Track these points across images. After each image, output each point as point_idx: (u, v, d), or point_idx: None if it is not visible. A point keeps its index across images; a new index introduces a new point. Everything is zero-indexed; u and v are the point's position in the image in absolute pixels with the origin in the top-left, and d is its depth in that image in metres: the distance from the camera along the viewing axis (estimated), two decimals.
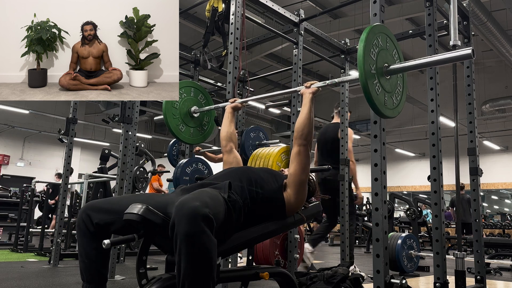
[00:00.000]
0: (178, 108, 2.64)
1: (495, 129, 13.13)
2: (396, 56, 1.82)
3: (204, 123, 2.78)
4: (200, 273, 1.24)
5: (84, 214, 1.48)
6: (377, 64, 1.67)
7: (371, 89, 1.62)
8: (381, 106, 1.68)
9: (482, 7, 7.71)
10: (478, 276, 2.93)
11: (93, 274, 1.49)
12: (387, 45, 1.77)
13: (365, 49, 1.61)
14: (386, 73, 1.72)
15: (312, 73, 13.22)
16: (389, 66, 1.73)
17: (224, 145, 2.20)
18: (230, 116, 2.31)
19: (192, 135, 2.71)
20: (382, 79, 1.69)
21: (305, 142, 1.78)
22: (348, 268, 2.60)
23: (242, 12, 2.76)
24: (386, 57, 1.74)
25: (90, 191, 5.41)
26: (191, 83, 2.77)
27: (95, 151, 14.71)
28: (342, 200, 3.81)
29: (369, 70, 1.62)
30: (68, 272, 3.57)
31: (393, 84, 1.78)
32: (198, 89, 2.76)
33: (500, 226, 10.92)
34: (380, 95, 1.68)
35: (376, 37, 1.70)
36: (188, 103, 2.69)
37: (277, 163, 3.20)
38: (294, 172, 1.74)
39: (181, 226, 1.23)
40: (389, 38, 1.79)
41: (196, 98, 2.75)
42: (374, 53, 1.67)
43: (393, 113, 1.78)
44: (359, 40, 1.65)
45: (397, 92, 1.81)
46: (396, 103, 1.80)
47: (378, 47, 1.70)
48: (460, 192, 2.87)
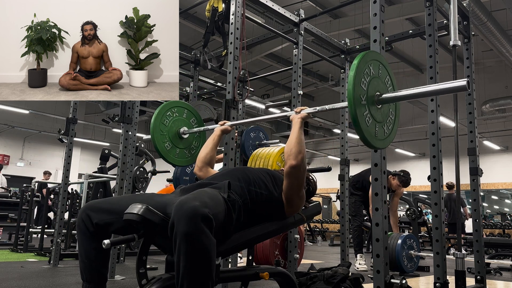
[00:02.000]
0: (168, 126, 2.53)
1: (495, 129, 13.12)
2: (389, 83, 1.71)
3: (192, 147, 2.66)
4: (199, 273, 1.24)
5: (84, 214, 1.48)
6: (367, 94, 1.58)
7: (361, 121, 1.53)
8: (371, 138, 1.59)
9: (482, 7, 7.70)
10: (478, 276, 2.93)
11: (93, 274, 1.49)
12: (380, 73, 1.66)
13: (355, 80, 1.52)
14: (378, 102, 1.62)
15: (312, 73, 13.21)
16: (381, 95, 1.63)
17: (198, 165, 2.08)
18: (217, 139, 2.18)
19: (177, 156, 2.59)
20: (373, 109, 1.60)
21: (294, 162, 1.66)
22: (348, 268, 2.60)
23: (242, 12, 2.76)
24: (378, 85, 1.64)
25: (90, 191, 5.41)
26: (185, 105, 2.67)
27: (95, 151, 14.71)
28: (342, 200, 3.81)
29: (359, 101, 1.52)
30: (68, 272, 3.57)
31: (384, 113, 1.67)
32: (192, 112, 2.66)
33: (500, 226, 10.92)
34: (370, 127, 1.58)
35: (368, 65, 1.60)
36: (179, 124, 2.58)
37: (277, 163, 3.20)
38: (286, 189, 1.71)
39: (180, 226, 1.23)
40: (382, 64, 1.68)
41: (187, 121, 2.64)
42: (365, 82, 1.57)
43: (384, 143, 1.68)
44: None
45: (389, 121, 1.70)
46: (388, 132, 1.70)
47: (370, 75, 1.60)
48: (460, 192, 2.87)
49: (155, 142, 2.48)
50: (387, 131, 1.70)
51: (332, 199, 14.90)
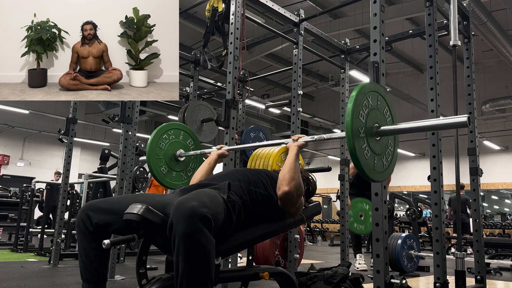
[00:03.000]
0: (164, 149, 2.49)
1: (495, 129, 13.13)
2: (388, 114, 1.68)
3: (189, 169, 2.61)
4: (198, 273, 1.24)
5: (83, 214, 1.48)
6: (366, 126, 1.54)
7: (359, 155, 1.48)
8: (370, 171, 1.54)
9: (482, 7, 7.71)
10: (478, 276, 2.93)
11: (92, 274, 1.49)
12: (378, 104, 1.63)
13: (353, 112, 1.48)
14: (376, 134, 1.59)
15: (312, 73, 13.21)
16: (379, 127, 1.59)
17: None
18: (213, 163, 2.13)
19: (174, 179, 2.54)
20: (371, 141, 1.56)
21: (286, 189, 1.63)
22: (348, 268, 2.60)
23: (242, 12, 2.76)
24: (376, 116, 1.60)
25: (90, 191, 5.41)
26: (182, 127, 2.63)
27: (95, 151, 14.70)
28: (342, 200, 3.81)
29: (357, 134, 1.49)
30: (68, 272, 3.57)
31: (383, 145, 1.63)
32: (188, 134, 2.63)
33: (500, 226, 10.92)
34: (369, 160, 1.54)
35: (366, 97, 1.57)
36: (175, 146, 2.54)
37: (277, 163, 3.20)
38: (280, 205, 1.70)
39: (179, 226, 1.23)
40: (380, 95, 1.65)
41: (184, 142, 2.60)
42: (363, 115, 1.53)
43: (383, 176, 1.63)
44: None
45: (388, 152, 1.66)
46: (387, 164, 1.65)
47: (368, 107, 1.57)
48: (460, 192, 2.87)
49: (151, 167, 2.44)
50: (386, 163, 1.65)
51: (332, 199, 14.91)
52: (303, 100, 3.04)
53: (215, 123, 2.90)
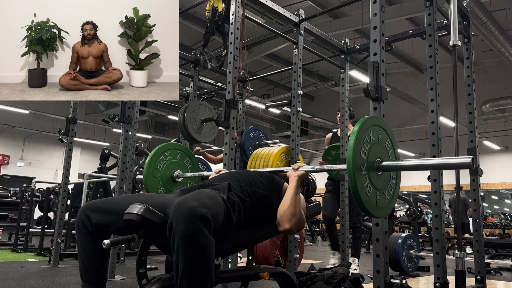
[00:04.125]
0: (161, 171, 2.47)
1: (495, 129, 13.13)
2: (390, 146, 1.65)
3: None
4: (198, 273, 1.24)
5: (83, 214, 1.48)
6: (368, 162, 1.51)
7: (361, 192, 1.46)
8: (372, 208, 1.51)
9: (482, 7, 7.71)
10: (478, 276, 2.93)
11: (92, 274, 1.48)
12: (380, 138, 1.60)
13: (355, 150, 1.46)
14: (378, 169, 1.56)
15: (312, 73, 13.22)
16: (381, 161, 1.56)
17: None
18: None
19: None
20: (373, 176, 1.53)
21: (287, 226, 1.60)
22: (348, 268, 2.60)
23: (242, 12, 2.76)
24: (378, 151, 1.57)
25: (90, 191, 5.41)
26: (179, 146, 2.59)
27: (95, 151, 14.71)
28: (342, 200, 3.81)
29: (359, 172, 1.47)
30: (68, 272, 3.57)
31: (385, 179, 1.60)
32: (186, 153, 2.60)
33: (500, 226, 10.92)
34: (371, 197, 1.51)
35: (367, 133, 1.54)
36: (172, 167, 2.51)
37: (277, 163, 3.20)
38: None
39: (178, 226, 1.23)
40: (381, 129, 1.62)
41: (182, 162, 2.57)
42: (365, 151, 1.51)
43: (385, 211, 1.60)
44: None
45: (390, 186, 1.63)
46: (389, 199, 1.62)
47: (370, 142, 1.54)
48: (460, 192, 2.87)
49: (148, 190, 2.43)
50: (389, 197, 1.61)
51: None
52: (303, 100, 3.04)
53: (215, 123, 2.89)
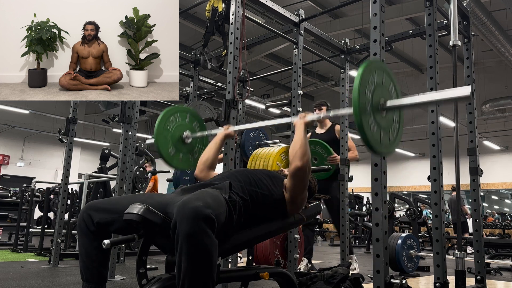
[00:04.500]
0: (171, 131, 2.51)
1: (495, 129, 13.13)
2: (393, 91, 1.72)
3: (195, 151, 2.63)
4: (200, 273, 1.24)
5: (85, 214, 1.49)
6: (372, 102, 1.58)
7: (366, 129, 1.54)
8: (376, 144, 1.59)
9: (482, 7, 7.71)
10: (478, 276, 2.93)
11: (93, 274, 1.49)
12: (384, 81, 1.68)
13: (360, 89, 1.53)
14: (382, 109, 1.63)
15: (312, 73, 13.22)
16: (385, 102, 1.64)
17: (200, 168, 2.07)
18: (219, 143, 2.15)
19: (181, 160, 2.57)
20: (377, 117, 1.61)
21: (299, 164, 1.69)
22: (348, 268, 2.60)
23: (242, 12, 2.76)
24: (382, 93, 1.65)
25: (90, 191, 5.41)
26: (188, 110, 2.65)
27: (95, 151, 14.71)
28: (342, 200, 3.81)
29: (364, 110, 1.53)
30: (68, 272, 3.57)
31: (389, 120, 1.69)
32: (194, 117, 2.64)
33: (500, 226, 10.93)
34: (375, 134, 1.60)
35: (372, 74, 1.61)
36: (182, 129, 2.55)
37: (277, 163, 3.20)
38: (290, 189, 1.72)
39: (182, 226, 1.23)
40: (385, 72, 1.70)
41: (190, 125, 2.62)
42: (369, 91, 1.58)
43: (389, 150, 1.69)
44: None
45: (393, 127, 1.72)
46: (392, 139, 1.70)
47: (374, 84, 1.61)
48: (460, 192, 2.87)
49: (159, 149, 2.46)
50: (392, 138, 1.70)
51: None
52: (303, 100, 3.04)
53: (215, 123, 2.90)
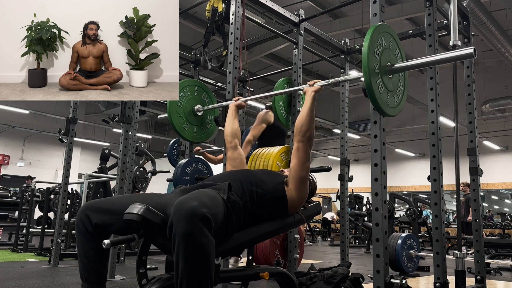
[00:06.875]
0: (182, 106, 2.64)
1: (495, 129, 13.13)
2: (399, 55, 1.84)
3: (207, 122, 2.80)
4: (198, 273, 1.24)
5: (83, 214, 1.48)
6: (380, 63, 1.69)
7: (375, 88, 1.64)
8: (383, 104, 1.70)
9: (482, 7, 7.70)
10: (478, 276, 2.93)
11: (92, 274, 1.48)
12: (391, 44, 1.79)
13: (370, 48, 1.62)
14: (389, 72, 1.74)
15: (312, 73, 13.22)
16: (392, 65, 1.75)
17: (229, 141, 2.21)
18: (234, 113, 2.32)
19: (195, 133, 2.74)
20: (385, 78, 1.72)
21: (303, 139, 1.78)
22: (348, 268, 2.61)
23: (242, 12, 2.76)
24: (389, 56, 1.76)
25: (90, 191, 5.41)
26: (194, 82, 2.77)
27: (95, 151, 14.71)
28: (342, 200, 3.81)
29: (373, 69, 1.63)
30: (68, 272, 3.57)
31: (395, 83, 1.80)
32: (202, 88, 2.78)
33: (500, 226, 10.92)
34: (382, 94, 1.70)
35: (380, 37, 1.72)
36: (192, 102, 2.69)
37: (277, 163, 3.20)
38: (293, 168, 1.76)
39: (179, 226, 1.23)
40: (392, 37, 1.82)
41: (200, 97, 2.75)
42: (378, 52, 1.69)
43: (395, 111, 1.81)
44: (363, 39, 1.67)
45: (399, 91, 1.84)
46: (398, 101, 1.83)
47: (382, 46, 1.72)
48: (460, 193, 2.87)
49: (173, 124, 2.60)
50: (397, 100, 1.82)
51: (332, 199, 14.89)
52: None
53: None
